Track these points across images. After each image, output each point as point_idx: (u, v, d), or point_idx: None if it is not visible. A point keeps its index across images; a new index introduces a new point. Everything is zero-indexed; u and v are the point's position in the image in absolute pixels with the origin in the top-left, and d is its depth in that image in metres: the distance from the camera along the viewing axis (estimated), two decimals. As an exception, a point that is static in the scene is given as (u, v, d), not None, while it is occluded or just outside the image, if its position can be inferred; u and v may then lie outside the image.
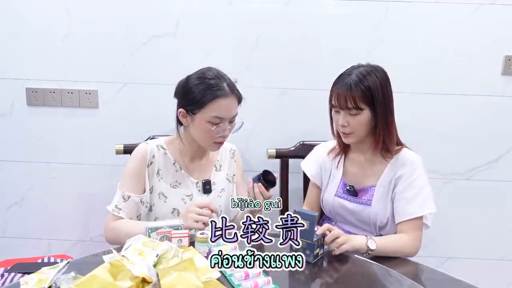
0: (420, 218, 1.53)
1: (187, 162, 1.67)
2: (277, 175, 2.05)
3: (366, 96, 1.49)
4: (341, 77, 1.55)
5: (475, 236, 2.20)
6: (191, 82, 1.54)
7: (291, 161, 2.02)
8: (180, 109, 1.57)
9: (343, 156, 1.71)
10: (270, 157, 2.03)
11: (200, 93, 1.50)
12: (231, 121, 1.56)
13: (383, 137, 1.55)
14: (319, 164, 1.77)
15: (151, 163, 1.60)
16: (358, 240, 1.45)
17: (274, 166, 2.11)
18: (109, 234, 1.54)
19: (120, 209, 1.54)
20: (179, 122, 1.62)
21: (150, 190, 1.60)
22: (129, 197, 1.55)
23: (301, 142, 2.04)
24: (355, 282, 1.24)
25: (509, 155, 2.13)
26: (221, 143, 1.58)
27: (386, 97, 1.52)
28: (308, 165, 1.81)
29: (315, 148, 1.84)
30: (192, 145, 1.63)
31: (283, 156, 2.04)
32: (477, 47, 2.04)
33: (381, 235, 1.60)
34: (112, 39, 2.07)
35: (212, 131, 1.51)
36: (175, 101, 1.61)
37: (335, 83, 1.55)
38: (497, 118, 2.10)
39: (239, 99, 1.57)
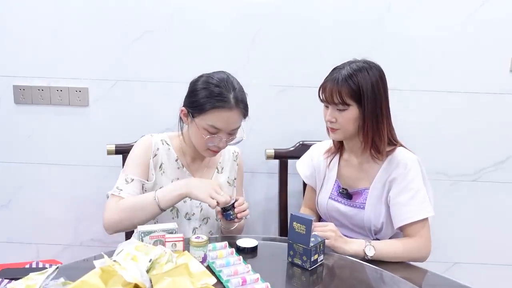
0: (425, 220, 1.53)
1: (188, 162, 1.68)
2: (276, 176, 2.08)
3: (354, 92, 1.49)
4: (332, 71, 1.57)
5: (482, 240, 2.21)
6: (198, 84, 1.55)
7: (290, 161, 2.03)
8: (183, 108, 1.58)
9: (337, 157, 1.72)
10: (268, 157, 2.03)
11: (202, 99, 1.51)
12: (231, 133, 1.57)
13: (372, 137, 1.55)
14: (313, 165, 1.79)
15: (155, 155, 1.62)
16: (355, 245, 1.46)
17: (273, 167, 2.12)
18: (110, 216, 1.49)
19: (122, 190, 1.53)
20: (181, 120, 1.63)
21: (153, 182, 1.61)
22: (132, 180, 1.56)
23: (300, 142, 2.04)
24: (357, 289, 1.24)
25: (518, 155, 2.14)
26: (215, 151, 1.59)
27: (376, 96, 1.51)
28: (302, 166, 1.83)
29: (310, 148, 1.86)
30: (192, 146, 1.64)
31: (282, 157, 2.04)
32: (485, 43, 2.04)
33: (377, 239, 1.61)
34: (103, 34, 2.07)
35: (206, 140, 1.52)
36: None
37: (326, 77, 1.57)
38: (506, 117, 2.10)
39: (244, 114, 1.57)
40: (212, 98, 1.50)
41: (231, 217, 1.48)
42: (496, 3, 2.00)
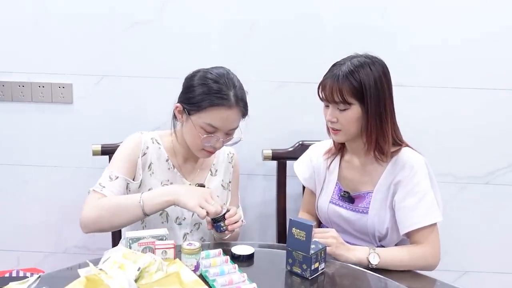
0: (433, 225, 1.53)
1: (180, 163, 1.68)
2: (274, 178, 2.08)
3: (356, 90, 1.49)
4: (332, 67, 1.56)
5: (495, 247, 2.21)
6: (195, 80, 1.54)
7: (289, 163, 2.03)
8: (178, 104, 1.58)
9: (338, 159, 1.72)
10: (265, 158, 2.03)
11: (199, 96, 1.50)
12: (228, 133, 1.57)
13: (376, 137, 1.54)
14: (313, 166, 1.79)
15: (144, 154, 1.61)
16: (358, 253, 1.46)
17: (270, 169, 2.12)
18: (89, 213, 1.46)
19: (104, 187, 1.51)
20: (175, 117, 1.63)
21: (139, 182, 1.60)
22: (117, 177, 1.54)
23: (300, 142, 2.04)
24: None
25: (532, 156, 2.14)
26: (211, 152, 1.59)
27: (380, 93, 1.51)
28: (301, 167, 1.83)
29: (309, 148, 1.86)
30: (185, 145, 1.63)
31: (281, 158, 2.04)
32: (494, 39, 2.04)
33: (382, 246, 1.61)
34: (88, 26, 2.06)
35: (202, 139, 1.52)
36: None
37: (325, 74, 1.57)
38: (519, 115, 2.10)
39: (244, 113, 1.57)
40: (210, 95, 1.49)
41: (222, 229, 1.47)
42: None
